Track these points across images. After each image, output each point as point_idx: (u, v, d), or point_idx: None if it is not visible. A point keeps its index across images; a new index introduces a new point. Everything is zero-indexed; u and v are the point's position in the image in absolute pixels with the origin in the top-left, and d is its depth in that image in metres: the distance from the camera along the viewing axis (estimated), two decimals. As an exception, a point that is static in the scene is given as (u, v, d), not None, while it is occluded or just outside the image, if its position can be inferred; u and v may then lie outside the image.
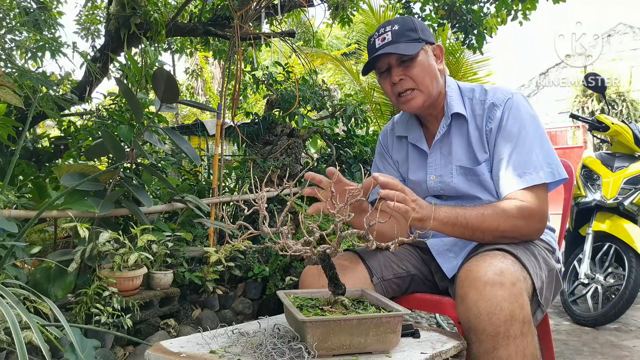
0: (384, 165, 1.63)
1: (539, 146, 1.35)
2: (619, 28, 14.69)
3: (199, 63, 11.95)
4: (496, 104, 1.40)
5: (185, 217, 2.86)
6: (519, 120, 1.37)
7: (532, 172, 1.32)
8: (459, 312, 1.19)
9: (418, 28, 1.41)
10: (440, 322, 3.00)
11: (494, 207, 1.31)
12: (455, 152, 1.44)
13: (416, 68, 1.39)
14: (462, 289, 1.17)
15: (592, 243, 3.09)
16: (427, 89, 1.40)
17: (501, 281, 1.13)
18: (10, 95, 2.08)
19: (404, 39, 1.38)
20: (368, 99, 6.25)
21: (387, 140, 1.64)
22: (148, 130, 2.46)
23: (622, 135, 3.19)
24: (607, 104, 3.97)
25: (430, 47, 1.43)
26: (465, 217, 1.27)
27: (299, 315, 0.96)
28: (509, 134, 1.36)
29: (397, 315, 0.99)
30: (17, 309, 1.22)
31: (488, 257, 1.20)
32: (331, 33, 9.21)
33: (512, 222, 1.29)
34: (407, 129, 1.57)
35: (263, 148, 3.72)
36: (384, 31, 1.42)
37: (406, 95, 1.42)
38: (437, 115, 1.49)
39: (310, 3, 4.32)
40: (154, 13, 3.70)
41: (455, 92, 1.47)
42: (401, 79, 1.40)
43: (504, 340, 1.10)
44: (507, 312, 1.10)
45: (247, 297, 2.75)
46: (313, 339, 0.94)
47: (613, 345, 2.62)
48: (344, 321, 0.96)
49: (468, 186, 1.43)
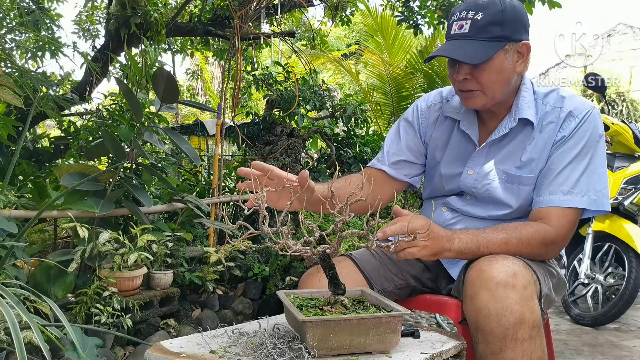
0: (405, 135, 1.47)
1: (594, 169, 1.26)
2: (619, 28, 14.69)
3: (199, 63, 11.95)
4: (574, 114, 1.28)
5: (185, 217, 2.86)
6: (588, 136, 1.27)
7: (576, 193, 1.24)
8: (466, 310, 1.17)
9: (506, 21, 1.22)
10: (440, 322, 3.00)
11: (519, 235, 1.22)
12: (507, 156, 1.33)
13: (485, 72, 1.24)
14: (472, 288, 1.15)
15: (592, 243, 3.09)
16: (492, 93, 1.27)
17: (513, 283, 1.11)
18: (10, 95, 2.08)
19: (482, 35, 1.21)
20: (368, 99, 6.24)
21: (428, 113, 1.46)
22: (148, 130, 2.46)
23: (622, 135, 3.19)
24: (607, 104, 3.97)
25: (515, 45, 1.25)
26: (487, 247, 1.20)
27: (299, 315, 0.96)
28: (573, 147, 1.27)
29: (397, 315, 0.99)
30: (17, 309, 1.22)
31: (500, 258, 1.17)
32: (331, 33, 9.20)
33: (534, 252, 1.24)
34: (459, 113, 1.40)
35: (263, 148, 3.72)
36: (465, 16, 1.24)
37: (467, 94, 1.29)
38: (500, 113, 1.35)
39: (310, 3, 4.32)
40: (154, 13, 3.70)
41: (529, 94, 1.33)
42: (465, 79, 1.27)
43: (512, 343, 1.09)
44: (517, 315, 1.09)
45: (247, 297, 2.75)
46: (313, 339, 0.94)
47: (613, 345, 2.62)
48: (344, 321, 0.96)
49: (504, 193, 1.33)
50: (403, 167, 1.48)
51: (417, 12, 4.35)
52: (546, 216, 1.26)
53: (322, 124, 4.39)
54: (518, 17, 1.25)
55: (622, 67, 13.57)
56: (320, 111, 4.21)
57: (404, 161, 1.47)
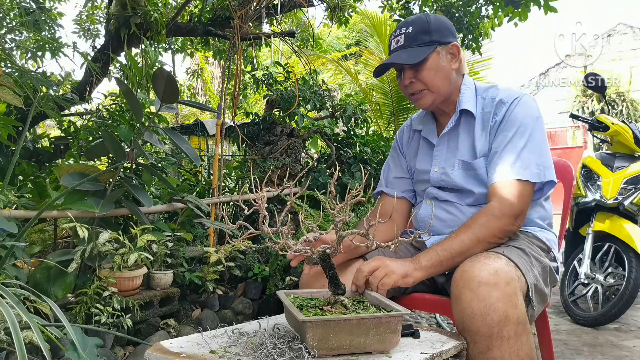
0: (394, 161, 1.70)
1: (533, 146, 1.39)
2: (619, 28, 14.68)
3: (199, 63, 11.95)
4: (504, 101, 1.45)
5: (185, 217, 2.86)
6: (521, 118, 1.41)
7: (517, 167, 1.36)
8: (453, 312, 1.19)
9: (432, 29, 1.45)
10: (440, 322, 3.00)
11: (467, 226, 1.35)
12: (460, 146, 1.49)
13: (425, 71, 1.44)
14: (457, 288, 1.18)
15: (592, 243, 3.09)
16: (437, 89, 1.46)
17: (495, 281, 1.13)
18: (10, 95, 2.08)
19: (415, 43, 1.44)
20: (368, 99, 6.25)
21: (402, 135, 1.72)
22: (148, 130, 2.46)
23: (622, 135, 3.19)
24: (607, 104, 3.97)
25: (445, 47, 1.46)
26: (447, 250, 1.30)
27: (299, 315, 0.96)
28: (509, 129, 1.41)
29: (397, 315, 0.99)
30: (17, 309, 1.22)
31: (482, 258, 1.22)
32: (331, 33, 9.21)
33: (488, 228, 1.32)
34: (422, 123, 1.63)
35: (263, 148, 3.71)
36: (399, 33, 1.48)
37: (416, 95, 1.49)
38: (449, 110, 1.54)
39: (310, 3, 4.32)
40: (154, 13, 3.70)
41: (470, 90, 1.52)
42: (412, 82, 1.47)
43: (498, 341, 1.10)
44: (501, 313, 1.10)
45: (247, 297, 2.75)
46: (313, 339, 0.94)
47: (613, 345, 2.62)
48: (344, 321, 0.96)
49: (465, 180, 1.46)
50: (397, 184, 1.66)
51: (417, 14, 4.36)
52: (493, 192, 1.38)
53: (322, 124, 4.39)
54: (442, 25, 1.48)
55: (622, 67, 13.56)
56: (320, 111, 4.21)
57: (396, 178, 1.67)
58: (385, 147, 4.14)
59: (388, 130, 6.35)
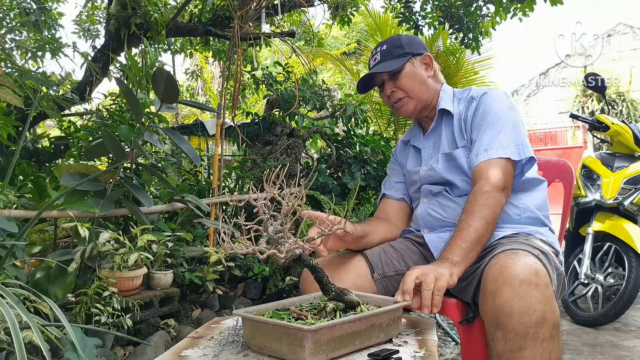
0: (392, 170, 1.83)
1: (508, 129, 1.47)
2: (619, 28, 14.68)
3: (199, 63, 11.95)
4: (474, 96, 1.58)
5: (185, 217, 2.86)
6: (492, 107, 1.52)
7: (496, 148, 1.44)
8: (486, 307, 1.17)
9: (404, 44, 1.61)
10: (441, 322, 3.00)
11: (470, 212, 1.35)
12: (442, 143, 1.61)
13: (403, 79, 1.59)
14: (494, 285, 1.15)
15: (592, 243, 3.09)
16: (416, 95, 1.60)
17: (537, 282, 1.13)
18: (10, 95, 2.08)
19: (390, 56, 1.60)
20: (368, 99, 6.25)
21: (397, 149, 1.86)
22: (148, 130, 2.46)
23: (622, 135, 3.19)
24: (607, 104, 3.97)
25: (418, 58, 1.62)
26: (467, 241, 1.29)
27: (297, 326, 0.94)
28: (483, 118, 1.51)
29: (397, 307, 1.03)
30: (17, 309, 1.22)
31: (521, 256, 1.20)
32: (331, 33, 9.20)
33: (489, 205, 1.34)
34: (410, 135, 1.78)
35: (263, 148, 3.72)
36: (376, 52, 1.65)
37: (399, 103, 1.62)
38: (431, 116, 1.66)
39: (310, 3, 4.32)
40: (154, 13, 3.70)
41: (448, 94, 1.65)
42: (393, 91, 1.61)
43: (532, 342, 1.10)
44: (540, 314, 1.10)
45: (247, 297, 2.75)
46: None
47: (613, 345, 2.62)
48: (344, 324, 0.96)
49: (448, 171, 1.55)
50: (397, 188, 1.76)
51: (418, 13, 4.37)
52: (477, 173, 1.44)
53: (322, 124, 4.39)
54: (413, 40, 1.66)
55: (622, 67, 13.57)
56: (320, 111, 4.21)
57: (396, 182, 1.77)
58: (385, 147, 4.14)
59: (388, 130, 6.35)
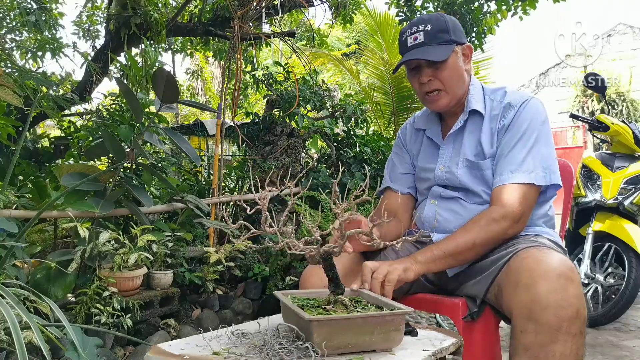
0: (398, 158, 1.68)
1: (539, 149, 1.38)
2: (619, 28, 14.68)
3: (199, 63, 11.95)
4: (512, 104, 1.44)
5: (185, 217, 2.86)
6: (528, 121, 1.41)
7: (522, 171, 1.36)
8: (518, 298, 1.16)
9: (450, 29, 1.43)
10: (440, 322, 3.00)
11: (465, 229, 1.35)
12: (465, 145, 1.48)
13: (445, 71, 1.42)
14: (529, 277, 1.15)
15: (592, 243, 3.09)
16: (452, 89, 1.45)
17: (572, 277, 1.13)
18: (10, 95, 2.07)
19: (435, 41, 1.41)
20: (368, 99, 6.24)
21: (405, 133, 1.69)
22: (148, 130, 2.46)
23: (622, 135, 3.18)
24: (607, 104, 3.97)
25: (460, 48, 1.46)
26: (441, 250, 1.31)
27: (305, 315, 0.95)
28: (516, 132, 1.40)
29: (401, 313, 0.99)
30: (17, 309, 1.22)
31: (553, 252, 1.21)
32: (331, 33, 9.20)
33: (487, 232, 1.32)
34: (426, 123, 1.61)
35: (263, 148, 3.71)
36: (417, 30, 1.44)
37: (432, 96, 1.47)
38: (457, 111, 1.52)
39: (311, 3, 4.32)
40: (154, 13, 3.70)
41: (478, 91, 1.51)
42: (430, 80, 1.44)
43: (564, 336, 1.10)
44: (574, 309, 1.10)
45: (247, 297, 2.75)
46: (319, 338, 0.93)
47: (613, 345, 2.62)
48: (350, 320, 0.96)
49: (470, 180, 1.45)
50: (403, 180, 1.65)
51: (419, 12, 4.37)
52: (496, 195, 1.38)
53: (322, 124, 4.38)
54: (457, 26, 1.48)
55: (622, 67, 13.56)
56: (320, 111, 4.21)
57: (402, 174, 1.65)
58: (385, 147, 4.14)
59: (388, 130, 6.35)
